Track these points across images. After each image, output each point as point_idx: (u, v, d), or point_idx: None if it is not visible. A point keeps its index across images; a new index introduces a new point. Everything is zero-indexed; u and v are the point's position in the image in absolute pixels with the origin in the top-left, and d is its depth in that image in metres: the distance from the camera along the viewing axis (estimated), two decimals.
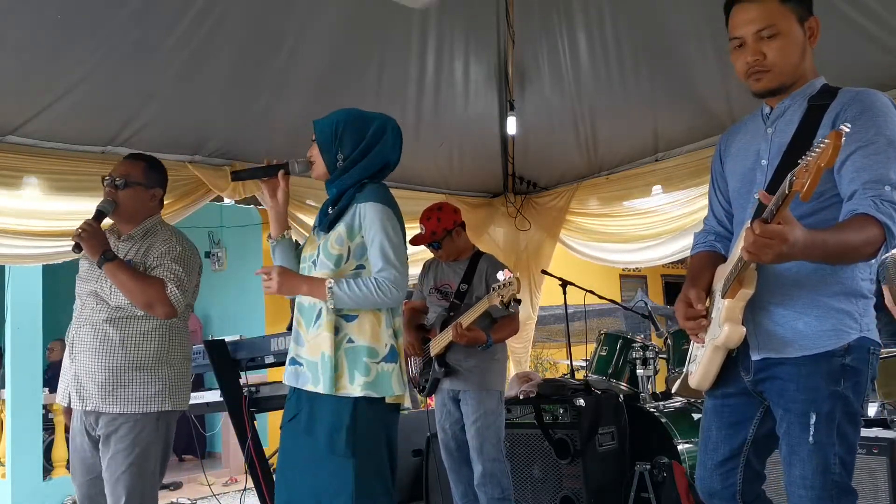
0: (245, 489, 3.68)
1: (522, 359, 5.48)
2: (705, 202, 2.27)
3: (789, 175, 1.47)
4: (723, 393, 1.94)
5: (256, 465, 3.23)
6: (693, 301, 1.88)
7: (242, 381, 3.38)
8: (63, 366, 2.72)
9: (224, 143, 4.01)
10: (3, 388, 6.05)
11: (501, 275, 3.23)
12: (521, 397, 4.01)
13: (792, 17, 1.82)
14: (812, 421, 1.73)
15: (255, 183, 3.66)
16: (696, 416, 3.92)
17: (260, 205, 4.09)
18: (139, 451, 2.57)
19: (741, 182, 1.95)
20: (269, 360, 3.36)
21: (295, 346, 2.32)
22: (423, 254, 3.97)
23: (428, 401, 3.77)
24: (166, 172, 2.87)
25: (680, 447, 3.72)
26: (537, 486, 3.85)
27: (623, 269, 9.73)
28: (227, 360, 3.41)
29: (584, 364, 4.91)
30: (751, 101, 1.96)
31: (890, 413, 3.18)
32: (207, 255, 7.95)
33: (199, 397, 3.64)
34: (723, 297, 1.81)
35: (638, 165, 4.75)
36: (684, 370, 2.08)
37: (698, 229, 2.18)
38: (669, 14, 3.80)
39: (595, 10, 4.01)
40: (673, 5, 3.75)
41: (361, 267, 2.27)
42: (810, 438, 1.73)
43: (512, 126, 4.67)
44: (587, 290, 4.55)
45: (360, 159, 2.30)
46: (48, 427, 6.26)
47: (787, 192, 1.48)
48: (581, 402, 3.73)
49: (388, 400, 2.23)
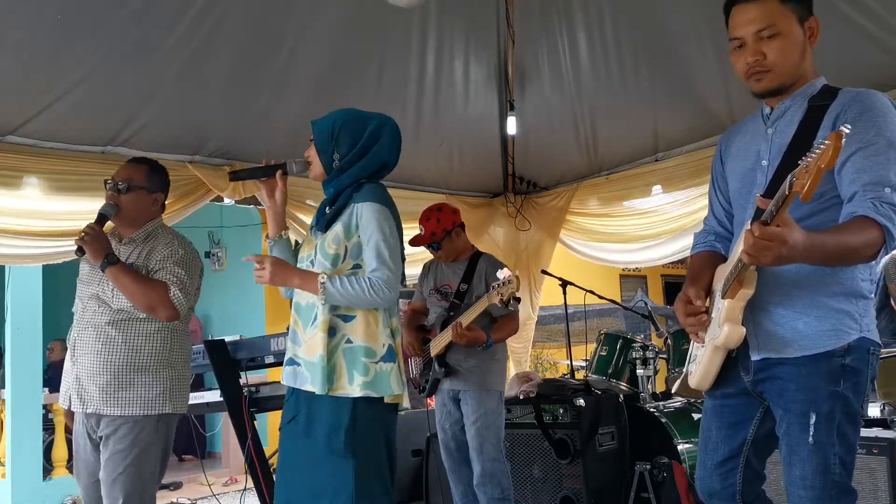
0: (245, 489, 3.67)
1: (522, 359, 5.48)
2: (705, 202, 2.27)
3: (789, 176, 1.47)
4: (722, 393, 1.94)
5: (256, 465, 3.22)
6: (693, 298, 1.88)
7: (242, 381, 3.37)
8: (65, 368, 2.72)
9: (224, 143, 4.01)
10: (3, 388, 6.05)
11: (501, 273, 3.23)
12: (521, 397, 4.01)
13: (792, 17, 1.81)
14: (812, 421, 1.73)
15: (254, 183, 3.65)
16: (696, 416, 3.91)
17: (260, 205, 4.08)
18: (137, 453, 2.56)
19: (741, 182, 1.94)
20: (269, 360, 3.36)
21: (292, 345, 2.31)
22: (422, 254, 3.97)
23: (428, 401, 3.76)
24: (168, 176, 2.88)
25: (680, 447, 3.72)
26: (537, 486, 3.85)
27: (623, 269, 9.73)
28: (227, 360, 3.41)
29: (584, 364, 4.91)
30: (751, 101, 1.96)
31: (890, 413, 3.18)
32: (207, 255, 7.95)
33: (199, 397, 3.64)
34: (723, 298, 1.81)
35: (638, 165, 4.75)
36: (684, 370, 2.08)
37: (698, 229, 2.18)
38: (669, 14, 3.80)
39: (595, 10, 4.01)
40: (673, 5, 3.75)
41: (358, 266, 2.25)
42: (810, 438, 1.73)
43: (512, 126, 4.67)
44: (587, 290, 4.55)
45: (357, 160, 2.28)
46: (48, 427, 6.25)
47: (786, 193, 1.48)
48: (581, 402, 3.73)
49: (387, 399, 2.23)
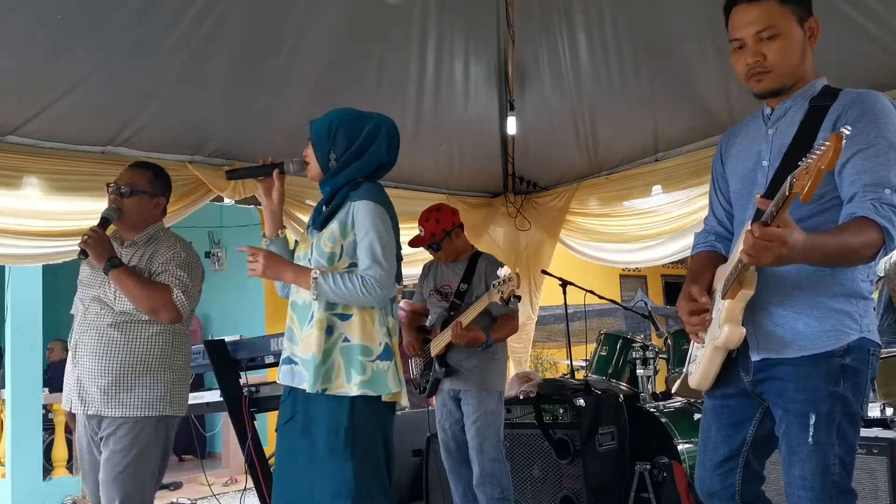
0: (245, 489, 3.67)
1: (522, 359, 5.48)
2: (705, 202, 2.27)
3: (789, 177, 1.47)
4: (722, 393, 1.94)
5: (256, 465, 3.23)
6: (696, 295, 1.87)
7: (242, 381, 3.38)
8: (66, 371, 2.73)
9: (224, 143, 4.01)
10: (3, 388, 6.05)
11: (501, 271, 3.23)
12: (521, 397, 4.00)
13: (792, 17, 1.81)
14: (811, 421, 1.73)
15: (253, 182, 3.67)
16: (696, 416, 3.91)
17: (260, 205, 4.08)
18: (137, 453, 2.57)
19: (742, 183, 1.94)
20: (269, 360, 3.36)
21: (289, 344, 2.31)
22: (422, 255, 3.97)
23: (430, 401, 3.77)
24: (170, 181, 2.90)
25: (680, 447, 3.72)
26: (537, 486, 3.84)
27: (623, 269, 9.73)
28: (227, 360, 3.41)
29: (584, 364, 4.90)
30: (751, 101, 1.96)
31: (892, 414, 3.18)
32: (207, 255, 7.94)
33: (199, 397, 3.64)
34: (723, 298, 1.81)
35: (638, 165, 4.74)
36: (684, 370, 2.08)
37: (698, 229, 2.18)
38: (669, 14, 3.80)
39: (595, 10, 4.01)
40: (673, 5, 3.75)
41: (354, 265, 2.25)
42: (810, 439, 1.73)
43: (512, 126, 4.67)
44: (587, 290, 4.55)
45: (354, 160, 2.28)
46: (48, 427, 6.26)
47: (787, 193, 1.48)
48: (581, 402, 3.73)
49: (385, 398, 2.22)
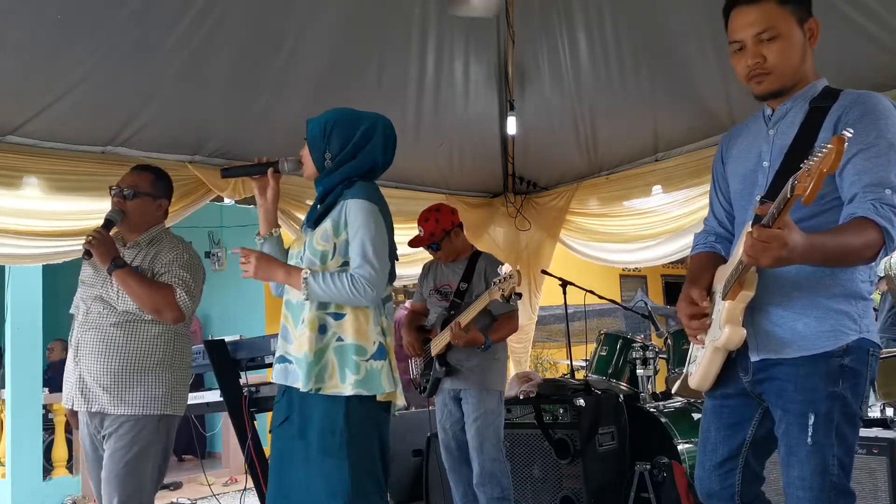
0: (245, 489, 3.67)
1: (522, 359, 5.48)
2: (705, 202, 2.27)
3: (791, 179, 1.47)
4: (722, 394, 1.94)
5: (256, 465, 3.23)
6: (696, 299, 1.87)
7: (242, 381, 3.38)
8: (67, 370, 2.74)
9: (224, 143, 4.01)
10: (3, 388, 6.05)
11: (502, 269, 3.23)
12: (521, 397, 4.01)
13: (791, 18, 1.81)
14: (810, 422, 1.73)
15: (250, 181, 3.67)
16: (696, 416, 3.92)
17: None
18: (138, 451, 2.59)
19: (743, 184, 1.94)
20: (269, 360, 3.34)
21: (283, 343, 2.31)
22: (422, 255, 3.97)
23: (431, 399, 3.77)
24: (172, 183, 2.92)
25: (680, 447, 3.72)
26: (537, 486, 3.85)
27: (623, 269, 9.72)
28: (227, 360, 3.41)
29: (584, 364, 4.91)
30: (751, 101, 1.96)
31: (892, 413, 3.18)
32: (207, 255, 7.93)
33: (199, 397, 3.64)
34: (723, 299, 1.81)
35: (638, 165, 4.75)
36: (684, 371, 2.08)
37: (698, 229, 2.17)
38: (669, 14, 3.80)
39: (595, 10, 4.01)
40: (673, 5, 3.75)
41: (347, 264, 2.23)
42: (808, 439, 1.73)
43: (512, 126, 4.67)
44: (587, 290, 4.54)
45: (349, 159, 2.27)
46: (48, 427, 6.25)
47: (788, 196, 1.48)
48: (581, 402, 3.73)
49: (379, 398, 2.22)
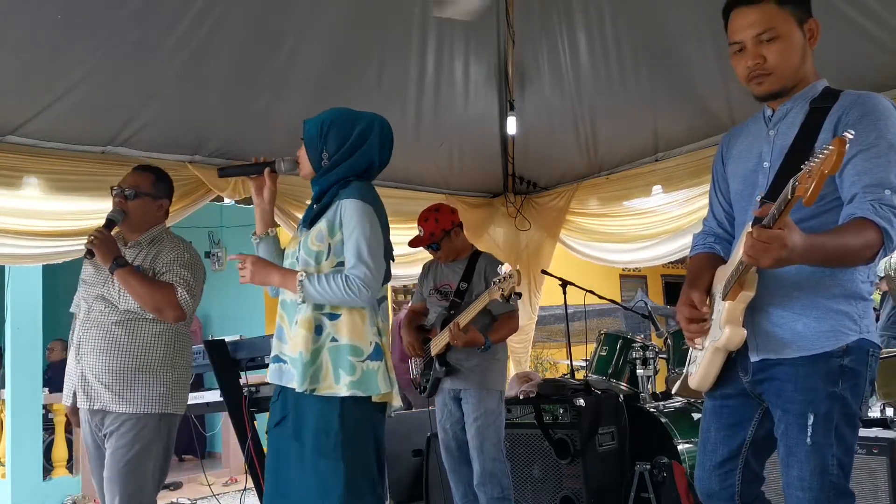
0: (245, 489, 3.67)
1: (522, 359, 5.48)
2: (705, 202, 2.27)
3: (792, 180, 1.47)
4: (722, 394, 1.94)
5: (256, 464, 3.23)
6: (697, 304, 1.87)
7: (242, 381, 3.38)
8: (68, 367, 2.75)
9: (224, 143, 4.01)
10: (3, 388, 6.05)
11: (502, 268, 3.23)
12: (521, 397, 4.00)
13: (791, 19, 1.81)
14: (810, 422, 1.73)
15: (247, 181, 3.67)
16: (696, 416, 3.91)
17: None
18: (139, 449, 2.60)
19: (743, 184, 1.94)
20: (269, 360, 3.35)
21: (279, 343, 2.30)
22: (422, 255, 3.97)
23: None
24: (172, 183, 2.93)
25: (680, 447, 3.72)
26: (537, 486, 3.85)
27: (623, 269, 9.71)
28: (227, 360, 3.41)
29: (584, 364, 4.90)
30: (751, 101, 1.96)
31: (892, 413, 3.18)
32: (207, 255, 7.93)
33: (199, 397, 3.64)
34: (723, 300, 1.81)
35: (638, 165, 4.75)
36: (684, 371, 2.08)
37: (698, 229, 2.17)
38: (669, 14, 3.80)
39: (595, 10, 4.01)
40: (673, 5, 3.75)
41: (342, 264, 2.22)
42: (808, 439, 1.73)
43: (512, 126, 4.67)
44: (587, 290, 4.54)
45: (346, 159, 2.27)
46: (48, 427, 6.25)
47: (789, 196, 1.48)
48: (581, 402, 3.73)
49: (375, 399, 2.21)
